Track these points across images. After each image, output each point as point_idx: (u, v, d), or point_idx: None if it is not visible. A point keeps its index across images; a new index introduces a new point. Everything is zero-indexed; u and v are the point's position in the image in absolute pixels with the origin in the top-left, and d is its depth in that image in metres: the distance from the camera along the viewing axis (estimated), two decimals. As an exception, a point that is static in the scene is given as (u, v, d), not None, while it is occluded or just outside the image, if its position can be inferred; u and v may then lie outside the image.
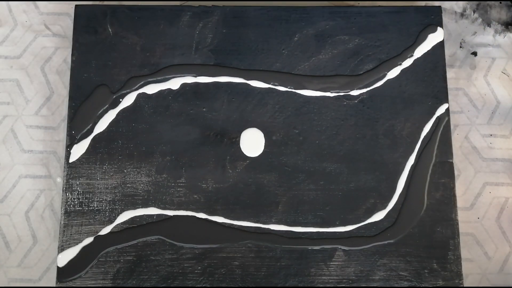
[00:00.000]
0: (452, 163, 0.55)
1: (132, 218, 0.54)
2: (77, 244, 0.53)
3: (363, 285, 0.53)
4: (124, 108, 0.56)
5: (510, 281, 0.56)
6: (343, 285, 0.52)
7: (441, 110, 0.56)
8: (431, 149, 0.55)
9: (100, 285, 0.52)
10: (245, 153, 0.55)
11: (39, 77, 0.60)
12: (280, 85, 0.57)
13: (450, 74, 0.60)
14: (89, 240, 0.53)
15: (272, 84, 0.57)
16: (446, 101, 0.56)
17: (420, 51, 0.57)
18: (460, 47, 0.61)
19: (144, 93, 0.56)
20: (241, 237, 0.53)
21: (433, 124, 0.56)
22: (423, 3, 0.62)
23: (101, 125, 0.55)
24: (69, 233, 0.53)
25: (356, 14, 0.58)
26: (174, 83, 0.56)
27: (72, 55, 0.57)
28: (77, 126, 0.55)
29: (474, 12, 0.62)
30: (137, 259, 0.53)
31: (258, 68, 0.57)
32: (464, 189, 0.58)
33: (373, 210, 0.54)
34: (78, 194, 0.54)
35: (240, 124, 0.56)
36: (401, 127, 0.56)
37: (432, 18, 0.58)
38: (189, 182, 0.54)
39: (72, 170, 0.54)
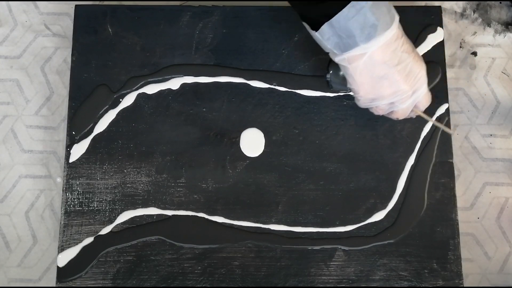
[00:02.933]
0: (452, 163, 0.55)
1: (132, 218, 0.54)
2: (77, 244, 0.53)
3: (363, 285, 0.52)
4: (124, 108, 0.56)
5: (510, 281, 0.56)
6: (343, 285, 0.52)
7: (441, 110, 0.56)
8: (431, 149, 0.55)
9: (100, 285, 0.52)
10: (245, 153, 0.55)
11: (39, 77, 0.60)
12: (280, 85, 0.56)
13: (450, 74, 0.60)
14: (89, 240, 0.53)
15: (272, 84, 0.57)
16: (446, 101, 0.56)
17: (420, 51, 0.57)
18: (460, 47, 0.61)
19: (144, 93, 0.56)
20: (241, 237, 0.53)
21: (433, 124, 0.56)
22: (423, 3, 0.62)
23: (101, 125, 0.55)
24: (69, 233, 0.53)
25: (356, 14, 0.58)
26: (174, 83, 0.56)
27: (72, 55, 0.57)
28: (77, 126, 0.55)
29: (474, 12, 0.62)
30: (137, 259, 0.53)
31: (258, 68, 0.57)
32: (464, 189, 0.58)
33: (373, 210, 0.54)
34: (78, 194, 0.54)
35: (240, 124, 0.56)
36: (401, 127, 0.56)
37: (432, 18, 0.58)
38: (189, 182, 0.54)
39: (72, 170, 0.54)
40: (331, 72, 0.51)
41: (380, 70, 0.44)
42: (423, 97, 0.48)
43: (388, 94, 0.46)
